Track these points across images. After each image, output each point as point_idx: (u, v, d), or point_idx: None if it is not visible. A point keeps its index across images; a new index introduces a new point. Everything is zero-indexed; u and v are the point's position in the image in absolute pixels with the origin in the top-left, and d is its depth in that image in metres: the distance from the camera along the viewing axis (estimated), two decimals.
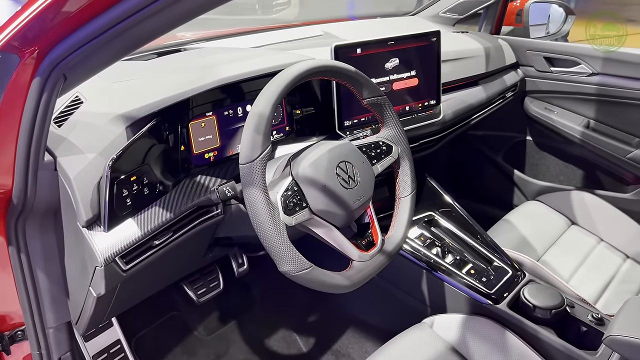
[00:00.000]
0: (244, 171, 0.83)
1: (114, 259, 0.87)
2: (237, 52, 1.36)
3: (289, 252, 0.83)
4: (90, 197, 0.86)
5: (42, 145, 0.83)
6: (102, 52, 0.77)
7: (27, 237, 0.96)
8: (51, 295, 1.03)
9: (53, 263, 1.01)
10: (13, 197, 0.87)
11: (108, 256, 0.86)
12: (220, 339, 1.63)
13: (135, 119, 0.95)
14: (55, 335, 1.07)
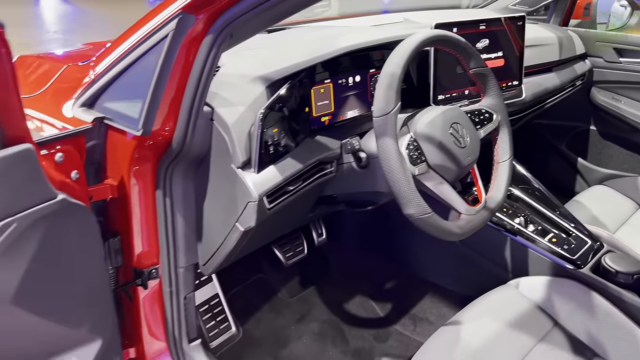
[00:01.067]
0: (378, 123, 0.94)
1: (263, 196, 0.99)
2: (347, 27, 1.48)
3: (415, 197, 0.94)
4: (244, 142, 0.99)
5: (204, 96, 0.97)
6: (261, 18, 0.90)
7: (172, 186, 1.10)
8: (185, 238, 1.17)
9: (189, 209, 1.14)
10: (173, 142, 1.00)
11: (260, 193, 0.99)
12: (302, 301, 1.75)
13: (272, 81, 1.08)
14: (184, 275, 1.20)
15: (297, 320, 1.67)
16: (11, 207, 0.77)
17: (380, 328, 1.65)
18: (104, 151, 1.09)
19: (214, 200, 1.10)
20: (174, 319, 1.22)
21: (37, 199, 0.81)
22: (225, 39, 0.91)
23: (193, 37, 0.91)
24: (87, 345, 0.96)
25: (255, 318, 1.66)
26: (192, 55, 0.92)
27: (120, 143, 1.06)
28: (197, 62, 0.93)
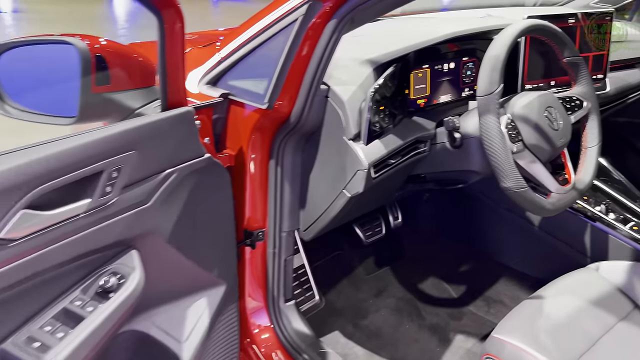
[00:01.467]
0: (481, 102, 1.04)
1: (371, 166, 1.11)
2: (445, 18, 1.58)
3: (513, 171, 1.03)
4: (355, 117, 1.11)
5: (322, 76, 1.09)
6: (383, 4, 1.01)
7: (283, 157, 1.23)
8: (290, 205, 1.29)
9: (296, 178, 1.27)
10: (291, 116, 1.13)
11: (369, 162, 1.10)
12: (378, 278, 1.86)
13: (379, 64, 1.19)
14: (287, 239, 1.33)
15: (375, 295, 1.78)
16: (174, 159, 0.91)
17: (454, 308, 1.73)
18: (225, 124, 1.23)
19: (322, 170, 1.22)
20: (274, 278, 1.35)
21: (192, 155, 0.95)
22: (346, 24, 1.03)
23: (319, 21, 1.03)
24: (214, 288, 1.10)
25: (336, 290, 1.78)
26: (316, 38, 1.05)
27: (242, 117, 1.20)
28: (319, 45, 1.05)
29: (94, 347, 0.76)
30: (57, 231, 0.73)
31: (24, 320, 0.75)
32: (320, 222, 1.28)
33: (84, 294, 0.80)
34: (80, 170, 0.74)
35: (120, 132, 0.81)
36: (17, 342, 0.72)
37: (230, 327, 1.17)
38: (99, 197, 0.77)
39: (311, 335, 1.39)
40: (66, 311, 0.77)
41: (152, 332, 0.99)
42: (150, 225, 0.89)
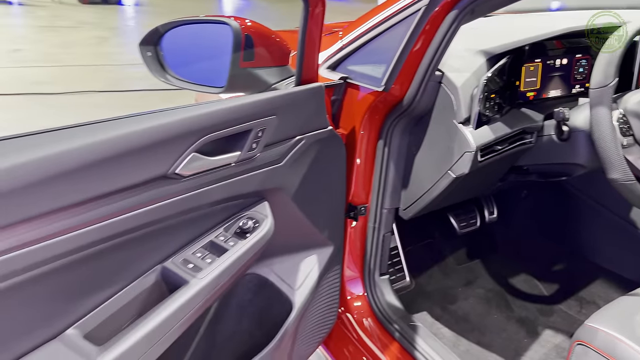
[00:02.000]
0: (594, 94, 1.07)
1: (478, 149, 1.18)
2: (552, 15, 1.61)
3: (621, 163, 1.06)
4: (467, 102, 1.19)
5: (438, 63, 1.18)
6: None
7: (392, 138, 1.33)
8: (393, 184, 1.39)
9: (402, 159, 1.37)
10: (404, 100, 1.23)
11: (476, 145, 1.18)
12: (468, 269, 1.91)
13: (493, 54, 1.26)
14: (387, 216, 1.43)
15: (464, 284, 1.83)
16: (303, 128, 1.05)
17: (545, 304, 1.74)
18: (340, 105, 1.36)
19: (428, 151, 1.31)
20: (371, 251, 1.46)
21: (318, 126, 1.08)
22: (466, 15, 1.11)
23: (441, 11, 1.12)
24: (324, 248, 1.23)
25: (426, 275, 1.86)
26: (436, 28, 1.14)
27: (357, 99, 1.31)
28: (438, 34, 1.14)
29: (232, 275, 0.91)
30: (214, 175, 0.89)
31: (181, 246, 0.91)
32: (420, 202, 1.37)
33: (226, 231, 0.96)
34: (236, 126, 0.89)
35: (266, 99, 0.95)
36: (176, 262, 0.89)
37: (333, 285, 1.30)
38: (247, 151, 0.92)
39: (402, 309, 1.49)
40: (212, 243, 0.93)
41: (271, 278, 1.13)
42: (281, 182, 1.03)
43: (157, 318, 0.80)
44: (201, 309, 0.87)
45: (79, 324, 0.78)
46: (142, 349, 0.78)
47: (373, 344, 1.42)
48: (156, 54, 1.18)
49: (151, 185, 0.79)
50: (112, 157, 0.72)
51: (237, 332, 1.10)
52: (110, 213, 0.74)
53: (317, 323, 1.27)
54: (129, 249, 0.82)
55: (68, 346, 0.75)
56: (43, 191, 0.66)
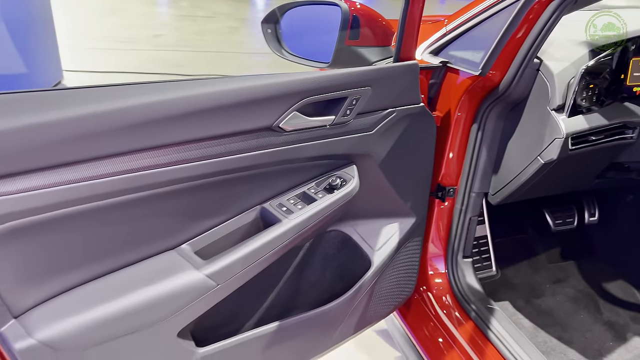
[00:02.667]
0: None
1: (569, 136, 1.20)
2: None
3: None
4: (562, 90, 1.21)
5: (537, 51, 1.21)
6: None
7: (486, 122, 1.37)
8: (484, 168, 1.44)
9: (494, 144, 1.41)
10: (500, 85, 1.27)
11: (567, 132, 1.20)
12: (560, 268, 1.87)
13: (596, 46, 1.26)
14: (475, 199, 1.48)
15: (553, 282, 1.81)
16: (396, 101, 1.15)
17: (639, 313, 1.67)
18: (439, 89, 1.43)
19: (520, 137, 1.34)
20: (456, 233, 1.51)
21: (410, 101, 1.17)
22: (569, 4, 1.13)
23: (543, 0, 1.15)
24: (406, 218, 1.32)
25: (514, 268, 1.86)
26: (538, 16, 1.17)
27: (455, 82, 1.38)
28: (539, 22, 1.17)
29: (318, 221, 1.05)
30: (310, 133, 1.02)
31: (278, 193, 1.07)
32: (509, 187, 1.40)
33: (317, 186, 1.09)
34: (333, 92, 1.01)
35: (363, 71, 1.07)
36: (273, 204, 1.04)
37: (413, 253, 1.38)
38: (341, 116, 1.05)
39: (481, 292, 1.53)
40: (304, 194, 1.07)
41: (354, 237, 1.25)
42: (370, 149, 1.14)
43: (252, 246, 0.95)
44: (289, 245, 1.01)
45: (191, 241, 0.96)
46: (238, 268, 0.94)
47: (449, 321, 1.49)
48: (275, 31, 1.34)
49: (258, 134, 0.95)
50: (230, 105, 0.88)
51: (320, 281, 1.23)
52: (226, 152, 0.91)
53: (394, 287, 1.36)
54: (236, 186, 0.98)
55: (182, 256, 0.93)
56: (178, 124, 0.83)
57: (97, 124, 0.76)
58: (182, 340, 0.92)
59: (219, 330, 1.05)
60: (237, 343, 1.02)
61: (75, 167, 0.75)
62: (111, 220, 0.83)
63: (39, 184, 0.72)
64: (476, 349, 1.38)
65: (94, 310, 0.80)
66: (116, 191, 0.80)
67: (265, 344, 1.08)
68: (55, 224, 0.76)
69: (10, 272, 0.74)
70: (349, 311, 1.23)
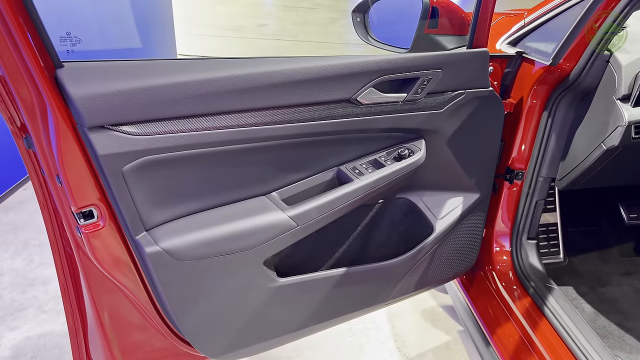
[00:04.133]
0: None
1: (631, 124, 1.27)
2: None
3: None
4: (629, 81, 1.28)
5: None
6: None
7: (557, 110, 1.46)
8: (552, 154, 1.51)
9: (563, 132, 1.49)
10: (570, 75, 1.36)
11: (630, 120, 1.27)
12: (631, 263, 1.88)
13: None
14: (542, 184, 1.56)
15: (622, 274, 1.83)
16: (465, 84, 1.28)
17: None
18: (513, 78, 1.53)
19: (586, 125, 1.41)
20: (522, 214, 1.61)
21: (479, 84, 1.30)
22: None
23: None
24: (470, 193, 1.45)
25: (582, 257, 1.90)
26: (609, 9, 1.24)
27: (529, 72, 1.47)
28: (611, 15, 1.24)
29: (384, 185, 1.22)
30: (384, 107, 1.19)
31: (352, 158, 1.25)
32: (574, 173, 1.48)
33: (387, 155, 1.26)
34: (407, 72, 1.18)
35: (435, 55, 1.21)
36: (347, 167, 1.23)
37: (475, 227, 1.51)
38: (412, 94, 1.20)
39: (542, 272, 1.61)
40: (376, 161, 1.25)
41: (419, 205, 1.41)
42: (438, 125, 1.29)
43: (326, 197, 1.15)
44: (358, 202, 1.20)
45: (280, 190, 1.18)
46: (314, 214, 1.14)
47: (509, 296, 1.59)
48: (363, 19, 1.52)
49: (339, 105, 1.13)
50: (317, 79, 1.08)
51: (386, 241, 1.41)
52: (311, 117, 1.11)
53: (454, 255, 1.50)
54: (319, 149, 1.18)
55: (271, 200, 1.15)
56: (275, 92, 1.04)
57: (211, 87, 0.98)
58: (266, 269, 1.15)
59: (298, 268, 1.26)
60: (310, 279, 1.23)
61: (196, 120, 0.99)
62: (224, 164, 1.07)
63: (169, 129, 0.96)
64: (532, 323, 1.47)
65: (205, 231, 1.04)
66: (228, 140, 1.03)
67: (334, 285, 1.27)
68: (181, 162, 1.01)
69: (147, 195, 1.00)
70: (410, 269, 1.39)
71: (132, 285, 1.07)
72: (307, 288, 1.23)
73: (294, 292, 1.21)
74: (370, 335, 2.05)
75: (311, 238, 1.21)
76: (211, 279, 1.08)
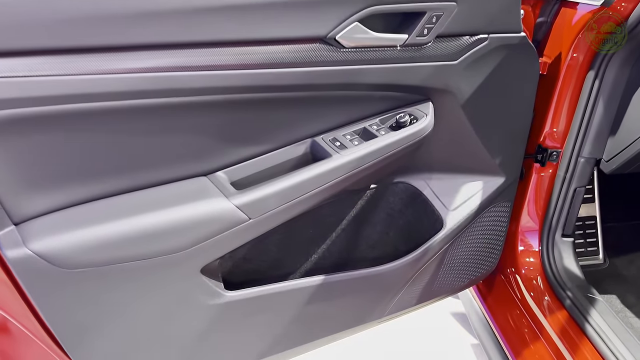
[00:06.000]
0: None
1: None
2: None
3: None
4: None
5: None
6: None
7: (606, 69, 1.11)
8: (598, 128, 1.17)
9: (614, 99, 1.14)
10: (629, 19, 1.00)
11: None
12: None
13: None
14: (583, 166, 1.22)
15: None
16: (489, 26, 0.93)
17: None
18: (548, 29, 1.18)
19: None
20: (557, 206, 1.27)
21: (508, 27, 0.95)
22: None
23: None
24: (493, 177, 1.11)
25: (627, 258, 1.56)
26: None
27: (570, 19, 1.12)
28: None
29: (375, 163, 0.88)
30: (376, 54, 0.85)
31: (335, 126, 0.91)
32: (627, 153, 1.13)
33: (381, 123, 0.92)
34: (407, 3, 0.83)
35: None
36: (325, 138, 0.89)
37: (498, 221, 1.17)
38: (416, 36, 0.86)
39: (581, 279, 1.28)
40: (365, 130, 0.91)
41: (425, 192, 1.06)
42: (451, 83, 0.94)
43: (292, 180, 0.81)
44: (337, 186, 0.86)
45: (228, 169, 0.84)
46: (274, 203, 0.80)
47: (538, 308, 1.27)
48: None
49: (309, 45, 0.79)
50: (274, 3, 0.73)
51: (381, 239, 1.07)
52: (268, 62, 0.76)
53: (470, 257, 1.16)
54: (283, 111, 0.84)
55: (213, 182, 0.81)
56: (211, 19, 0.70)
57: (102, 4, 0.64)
58: (205, 279, 0.81)
59: (259, 277, 0.93)
60: (274, 292, 0.90)
61: (86, 56, 0.65)
62: (132, 128, 0.73)
63: (42, 68, 0.63)
64: (569, 344, 1.15)
65: (102, 227, 0.71)
66: (140, 91, 0.69)
67: (308, 299, 0.94)
68: (62, 121, 0.67)
69: (9, 171, 0.67)
70: (412, 276, 1.06)
71: (13, 308, 0.74)
72: (269, 304, 0.90)
73: (250, 310, 0.88)
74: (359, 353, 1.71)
75: (277, 236, 0.88)
76: (118, 295, 0.75)
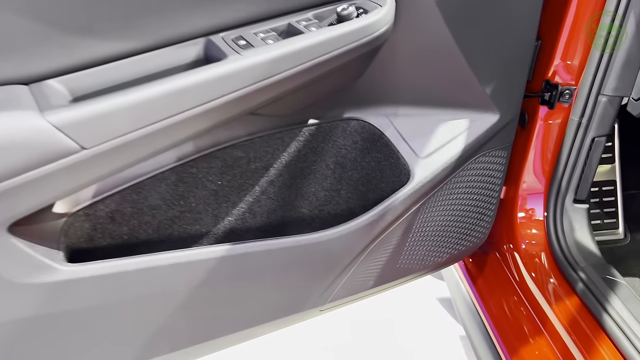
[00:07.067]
0: None
1: None
2: None
3: None
4: None
5: None
6: None
7: None
8: (626, 57, 0.90)
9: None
10: None
11: None
12: None
13: None
14: (604, 108, 0.94)
15: None
16: None
17: None
18: None
19: None
20: (568, 162, 1.00)
21: None
22: None
23: None
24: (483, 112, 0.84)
25: None
26: None
27: None
28: None
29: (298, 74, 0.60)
30: None
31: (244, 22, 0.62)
32: None
33: (315, 18, 0.64)
34: None
35: None
36: (227, 37, 0.60)
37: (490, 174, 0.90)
38: None
39: (597, 256, 1.02)
40: (289, 26, 0.62)
41: (388, 132, 0.78)
42: None
43: (155, 89, 0.52)
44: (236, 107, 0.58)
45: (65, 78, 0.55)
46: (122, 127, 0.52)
47: (540, 292, 1.04)
48: None
49: None
50: None
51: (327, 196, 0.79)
52: None
53: (452, 224, 0.89)
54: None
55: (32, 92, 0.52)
56: None
57: None
58: (18, 241, 0.53)
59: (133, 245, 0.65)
60: (154, 266, 0.61)
61: None
62: None
63: None
64: (581, 340, 0.92)
65: None
66: None
67: (208, 276, 0.66)
68: None
69: None
70: (366, 246, 0.78)
71: None
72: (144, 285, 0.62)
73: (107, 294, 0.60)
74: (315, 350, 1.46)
75: (167, 187, 0.60)
76: None
